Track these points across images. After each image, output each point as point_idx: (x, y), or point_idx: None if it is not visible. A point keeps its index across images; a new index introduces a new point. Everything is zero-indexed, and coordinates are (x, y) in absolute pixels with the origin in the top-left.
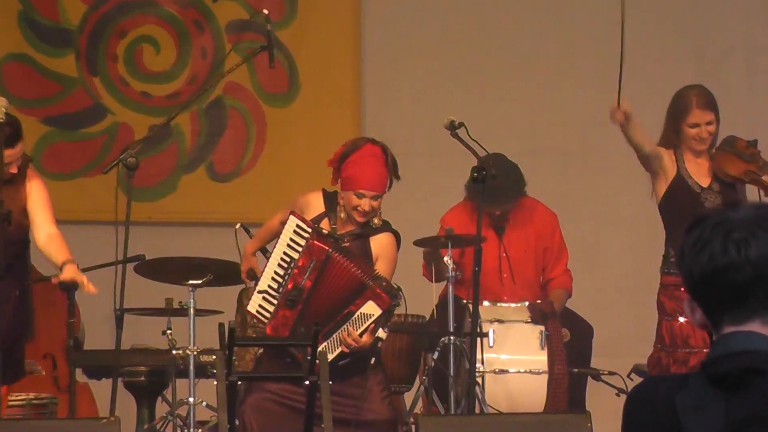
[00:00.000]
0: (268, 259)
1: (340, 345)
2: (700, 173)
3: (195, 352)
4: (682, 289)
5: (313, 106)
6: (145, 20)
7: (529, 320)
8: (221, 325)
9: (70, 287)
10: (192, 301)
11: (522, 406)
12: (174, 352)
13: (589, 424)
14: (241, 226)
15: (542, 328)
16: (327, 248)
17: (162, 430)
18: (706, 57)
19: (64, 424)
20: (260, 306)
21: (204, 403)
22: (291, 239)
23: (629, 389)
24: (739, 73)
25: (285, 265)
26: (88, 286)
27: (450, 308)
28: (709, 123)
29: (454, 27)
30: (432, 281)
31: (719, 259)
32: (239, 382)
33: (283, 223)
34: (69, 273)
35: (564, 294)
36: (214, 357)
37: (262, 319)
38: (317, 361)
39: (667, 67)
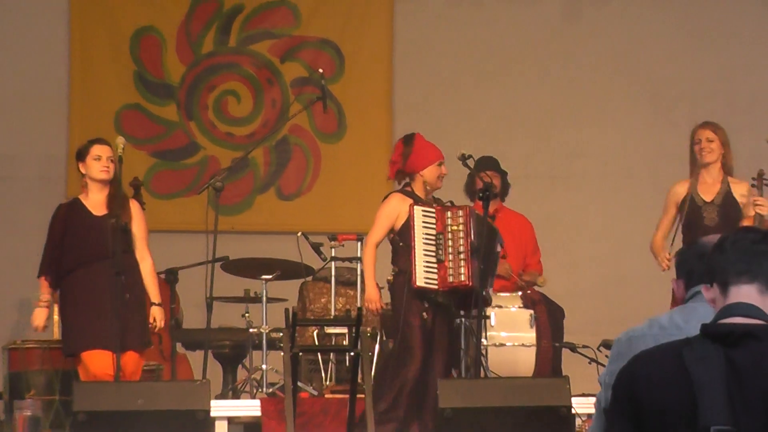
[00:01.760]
0: (413, 246)
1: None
2: (708, 191)
3: (266, 330)
4: None
5: (357, 143)
6: (229, 78)
7: (521, 306)
8: (287, 310)
9: (173, 281)
10: (264, 291)
11: (516, 372)
12: (251, 330)
13: (568, 386)
14: (302, 234)
15: (532, 311)
16: (465, 207)
17: (242, 389)
18: (660, 101)
19: (168, 385)
20: (425, 278)
21: (274, 370)
22: (424, 222)
23: (598, 359)
24: (688, 115)
25: (432, 241)
26: (159, 323)
27: None
28: (709, 140)
29: (463, 82)
30: None
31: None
32: (300, 353)
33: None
34: (154, 317)
35: (537, 274)
36: (281, 334)
37: (431, 286)
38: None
39: (626, 107)
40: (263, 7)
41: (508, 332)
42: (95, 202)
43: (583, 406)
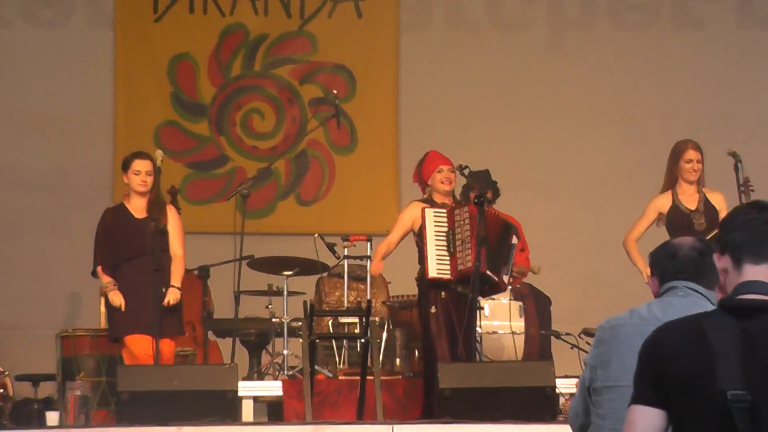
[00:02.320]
0: (425, 243)
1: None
2: (689, 200)
3: (287, 320)
4: None
5: (367, 155)
6: (254, 98)
7: (512, 298)
8: (305, 302)
9: (205, 277)
10: (285, 285)
11: (507, 356)
12: (273, 320)
13: (553, 369)
14: (318, 235)
15: (521, 303)
16: (474, 208)
17: (266, 372)
18: (632, 119)
19: (200, 369)
20: (437, 269)
21: (294, 355)
22: (435, 221)
23: (579, 345)
24: (658, 131)
25: (443, 237)
26: (170, 300)
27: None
28: (699, 161)
29: (461, 102)
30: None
31: (759, 215)
32: (317, 340)
33: (394, 244)
34: (168, 296)
35: (525, 267)
36: (300, 323)
37: (444, 276)
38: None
39: (603, 124)
40: (284, 36)
41: (500, 321)
42: (137, 206)
43: (566, 386)
